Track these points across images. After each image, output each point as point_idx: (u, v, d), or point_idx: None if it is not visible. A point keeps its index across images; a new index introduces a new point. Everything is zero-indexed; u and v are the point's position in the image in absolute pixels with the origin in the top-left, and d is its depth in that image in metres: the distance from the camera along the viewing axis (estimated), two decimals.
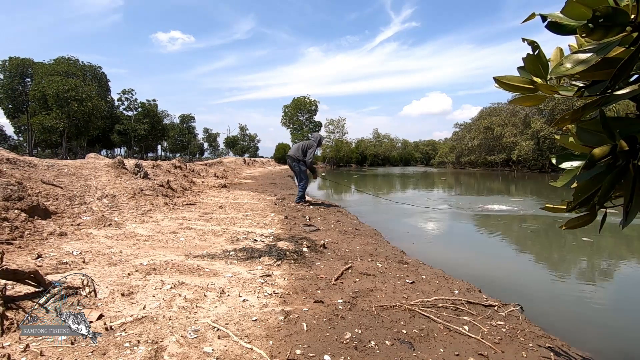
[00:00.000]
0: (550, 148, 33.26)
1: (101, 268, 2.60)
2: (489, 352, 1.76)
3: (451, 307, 2.30)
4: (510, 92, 1.32)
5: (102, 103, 39.91)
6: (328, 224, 5.14)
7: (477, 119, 47.38)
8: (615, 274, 3.76)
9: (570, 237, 5.16)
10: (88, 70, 44.62)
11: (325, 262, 3.19)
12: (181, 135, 66.96)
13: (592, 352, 2.02)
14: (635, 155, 1.00)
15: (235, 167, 22.10)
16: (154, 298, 2.10)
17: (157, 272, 2.58)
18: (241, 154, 66.43)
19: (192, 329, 1.75)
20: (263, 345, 1.65)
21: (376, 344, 1.74)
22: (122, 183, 6.11)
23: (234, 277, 2.59)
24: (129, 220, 4.43)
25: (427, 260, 3.67)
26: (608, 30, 0.90)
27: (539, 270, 3.87)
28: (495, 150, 41.50)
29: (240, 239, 3.82)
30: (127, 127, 49.02)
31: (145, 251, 3.17)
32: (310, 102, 54.90)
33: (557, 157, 1.23)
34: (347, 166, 54.20)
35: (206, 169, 14.66)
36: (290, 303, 2.18)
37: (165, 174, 9.10)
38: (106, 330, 1.67)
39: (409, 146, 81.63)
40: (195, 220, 4.84)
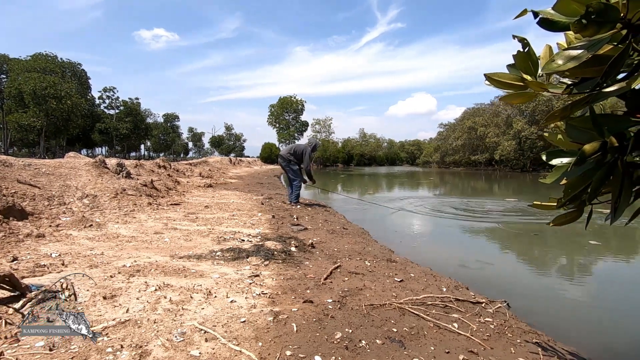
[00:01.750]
0: (531, 148, 34.12)
1: (82, 270, 2.50)
2: (478, 348, 1.77)
3: (440, 305, 2.31)
4: (500, 89, 1.32)
5: (82, 101, 38.80)
6: (316, 224, 5.11)
7: (461, 119, 48.21)
8: (602, 273, 3.86)
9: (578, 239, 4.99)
10: (67, 67, 43.31)
11: (314, 261, 3.16)
12: (165, 134, 65.72)
13: (576, 346, 2.06)
14: (624, 151, 1.01)
15: (221, 166, 21.83)
16: (137, 301, 2.03)
17: (141, 274, 2.50)
18: (227, 154, 65.71)
19: (178, 331, 1.69)
20: (252, 347, 1.61)
21: (367, 344, 1.72)
22: (103, 183, 5.94)
23: (221, 277, 2.54)
24: (111, 221, 4.30)
25: (415, 258, 3.69)
26: (600, 26, 0.90)
27: (524, 268, 3.94)
28: (479, 150, 42.31)
29: (227, 239, 3.75)
30: (109, 126, 47.78)
31: (128, 252, 3.07)
32: (296, 101, 54.80)
33: (547, 153, 1.24)
34: (334, 166, 54.30)
35: (191, 169, 14.42)
36: (279, 303, 2.14)
37: (149, 174, 8.90)
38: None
39: (395, 146, 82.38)
40: (180, 220, 4.74)
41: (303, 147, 7.06)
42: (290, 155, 6.93)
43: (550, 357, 1.77)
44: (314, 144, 7.22)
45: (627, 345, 2.27)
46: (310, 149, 7.00)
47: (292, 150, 7.01)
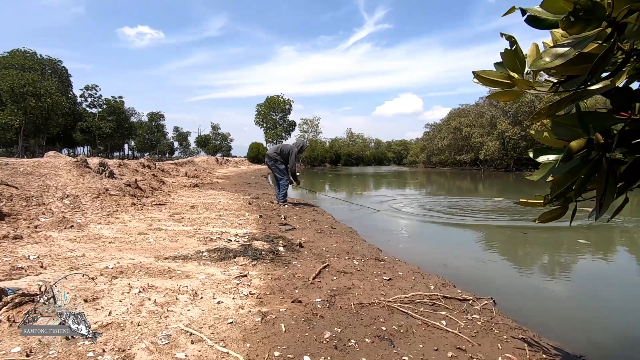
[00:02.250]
0: (514, 148, 34.90)
1: (61, 273, 2.41)
2: (466, 345, 1.78)
3: (428, 303, 2.32)
4: (488, 86, 1.32)
5: (63, 99, 37.63)
6: (304, 223, 5.09)
7: (447, 119, 48.99)
8: (585, 270, 3.96)
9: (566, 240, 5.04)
10: (47, 64, 42.03)
11: (302, 261, 3.14)
12: (150, 133, 64.46)
13: (561, 341, 2.10)
14: (609, 148, 1.03)
15: (208, 166, 21.56)
16: (120, 303, 1.97)
17: (125, 276, 2.43)
18: (213, 153, 64.86)
19: (163, 334, 1.65)
20: (240, 349, 1.58)
21: (356, 342, 1.71)
22: (85, 183, 5.77)
23: (207, 278, 2.49)
24: (93, 222, 4.18)
25: (403, 257, 3.71)
26: (587, 24, 0.91)
27: (510, 266, 4.01)
28: (464, 150, 43.05)
29: (213, 239, 3.69)
30: (91, 125, 46.52)
31: (111, 254, 2.99)
32: (284, 101, 54.60)
33: (535, 150, 1.25)
34: (322, 165, 54.34)
35: (177, 169, 14.19)
36: (268, 304, 2.11)
37: (133, 173, 8.71)
38: (67, 339, 1.54)
39: (382, 146, 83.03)
40: (165, 220, 4.64)
41: (290, 147, 7.08)
42: (277, 154, 6.92)
43: (536, 352, 1.80)
44: (301, 144, 7.21)
45: (609, 339, 2.32)
46: (297, 150, 7.02)
47: (279, 150, 7.01)
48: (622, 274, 3.76)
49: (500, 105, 37.39)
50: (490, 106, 39.92)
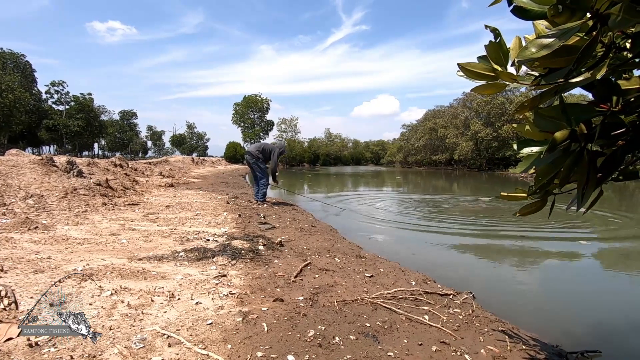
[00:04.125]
0: (487, 148, 36.11)
1: (24, 276, 2.25)
2: (449, 339, 1.79)
3: (410, 298, 2.33)
4: (472, 79, 1.32)
5: (26, 95, 35.68)
6: (284, 222, 5.02)
7: (423, 120, 50.06)
8: (558, 265, 4.11)
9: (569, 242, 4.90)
10: (9, 58, 39.77)
11: (283, 259, 3.08)
12: (121, 132, 62.21)
13: (538, 332, 2.15)
14: (591, 139, 1.05)
15: (183, 166, 20.99)
16: (90, 307, 1.86)
17: (95, 278, 2.29)
18: (189, 153, 63.32)
19: (138, 337, 1.56)
20: (220, 350, 1.51)
21: (341, 340, 1.68)
22: (51, 182, 5.46)
23: (184, 279, 2.39)
24: (60, 223, 3.95)
25: (383, 253, 3.72)
26: (573, 13, 0.92)
27: (487, 261, 4.10)
28: (439, 150, 44.13)
29: (190, 239, 3.57)
30: (58, 123, 44.36)
31: (80, 255, 2.82)
32: (261, 100, 54.02)
33: (518, 142, 1.26)
34: (300, 165, 54.22)
35: (151, 168, 13.73)
36: (248, 303, 2.05)
37: (104, 173, 8.34)
38: (30, 347, 1.42)
39: (360, 146, 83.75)
40: (139, 220, 4.46)
41: (272, 147, 7.03)
42: (259, 152, 6.81)
43: (516, 344, 1.83)
44: (282, 148, 7.16)
45: (583, 329, 2.41)
46: (279, 151, 6.96)
47: (260, 148, 6.91)
48: (595, 266, 3.93)
49: (473, 107, 38.58)
50: (464, 108, 41.12)
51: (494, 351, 1.71)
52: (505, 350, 1.73)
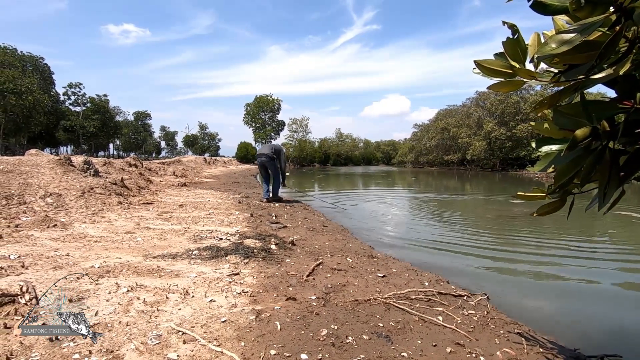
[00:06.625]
0: (500, 148, 35.53)
1: (44, 272, 2.31)
2: (464, 340, 1.76)
3: (424, 299, 2.31)
4: (488, 76, 1.30)
5: (45, 97, 36.64)
6: (295, 221, 5.04)
7: (435, 120, 49.54)
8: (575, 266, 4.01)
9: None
10: (28, 61, 40.90)
11: (295, 258, 3.09)
12: (136, 133, 63.31)
13: (555, 335, 2.10)
14: (614, 136, 1.02)
15: (196, 166, 21.24)
16: (107, 303, 1.89)
17: (111, 275, 2.34)
18: (201, 153, 64.09)
19: (154, 334, 1.58)
20: (234, 348, 1.52)
21: (354, 339, 1.68)
22: (69, 181, 5.60)
23: (198, 277, 2.42)
24: (78, 221, 4.04)
25: (395, 254, 3.70)
26: (594, 7, 0.90)
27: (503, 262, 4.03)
28: (451, 150, 43.59)
29: (203, 238, 3.61)
30: (75, 124, 45.42)
31: (96, 253, 2.88)
32: (273, 100, 54.34)
33: (537, 141, 1.23)
34: (311, 165, 54.28)
35: (164, 168, 13.93)
36: (261, 302, 2.06)
37: (119, 172, 8.50)
38: (51, 341, 1.46)
39: (371, 146, 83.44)
40: (153, 219, 4.53)
41: (279, 147, 7.27)
42: (272, 153, 6.96)
43: (533, 347, 1.79)
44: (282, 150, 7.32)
45: (603, 333, 2.35)
46: (284, 153, 7.24)
47: (273, 149, 7.07)
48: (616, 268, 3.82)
49: (486, 106, 38.00)
50: (477, 107, 40.53)
51: (510, 353, 1.68)
52: (521, 353, 1.70)
